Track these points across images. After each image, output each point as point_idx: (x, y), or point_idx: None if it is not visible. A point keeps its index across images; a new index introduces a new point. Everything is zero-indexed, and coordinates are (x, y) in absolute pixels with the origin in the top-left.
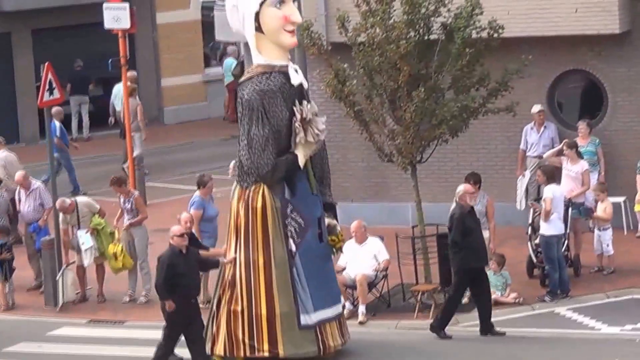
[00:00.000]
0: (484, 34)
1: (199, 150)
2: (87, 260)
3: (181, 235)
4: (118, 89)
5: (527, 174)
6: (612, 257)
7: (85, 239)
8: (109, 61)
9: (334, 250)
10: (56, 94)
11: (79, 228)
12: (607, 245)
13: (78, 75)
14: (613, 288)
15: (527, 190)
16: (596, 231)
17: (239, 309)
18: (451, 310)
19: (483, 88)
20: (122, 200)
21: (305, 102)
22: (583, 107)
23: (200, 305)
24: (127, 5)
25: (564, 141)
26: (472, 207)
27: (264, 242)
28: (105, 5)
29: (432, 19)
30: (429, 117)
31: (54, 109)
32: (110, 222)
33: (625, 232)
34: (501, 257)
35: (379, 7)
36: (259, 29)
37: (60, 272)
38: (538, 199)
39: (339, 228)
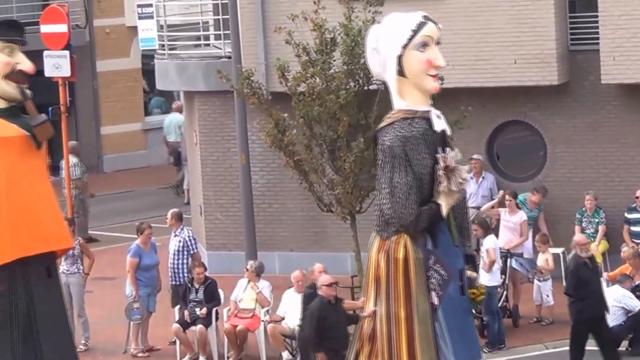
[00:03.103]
0: None
1: (138, 198)
2: None
3: (330, 285)
4: (169, 121)
5: None
6: (551, 307)
7: None
8: (50, 109)
9: (474, 303)
10: None
11: None
12: (547, 296)
13: None
14: (551, 339)
15: None
16: (536, 281)
17: None
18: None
19: None
20: None
21: (448, 149)
22: (522, 158)
23: (140, 354)
24: (67, 53)
25: (500, 192)
26: (589, 258)
27: (406, 295)
28: (45, 53)
29: None
30: (368, 167)
31: None
32: None
33: (564, 283)
34: None
35: (319, 57)
36: (401, 72)
37: None
38: (477, 249)
39: (479, 281)
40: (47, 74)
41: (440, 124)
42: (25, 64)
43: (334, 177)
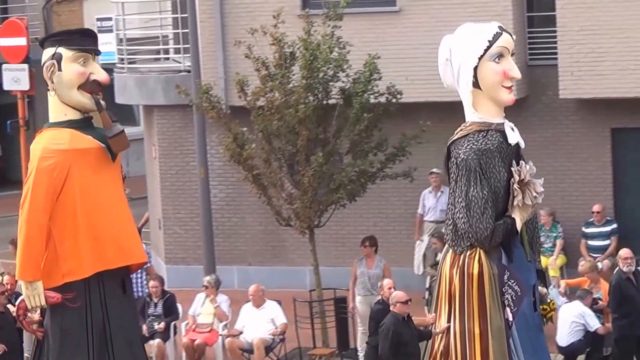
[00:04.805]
0: (382, 99)
1: None
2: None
3: (406, 302)
4: None
5: (425, 238)
6: None
7: None
8: (8, 123)
9: (545, 319)
10: None
11: None
12: None
13: None
14: None
15: (424, 255)
16: None
17: None
18: None
19: (381, 153)
20: None
21: (522, 163)
22: None
23: None
24: (26, 66)
25: None
26: (633, 273)
27: (480, 311)
28: (4, 66)
29: (331, 83)
30: (326, 181)
31: None
32: None
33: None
34: None
35: (278, 72)
36: (475, 84)
37: None
38: (435, 264)
39: (549, 296)
40: (5, 87)
41: (514, 136)
42: (100, 74)
43: (293, 191)
